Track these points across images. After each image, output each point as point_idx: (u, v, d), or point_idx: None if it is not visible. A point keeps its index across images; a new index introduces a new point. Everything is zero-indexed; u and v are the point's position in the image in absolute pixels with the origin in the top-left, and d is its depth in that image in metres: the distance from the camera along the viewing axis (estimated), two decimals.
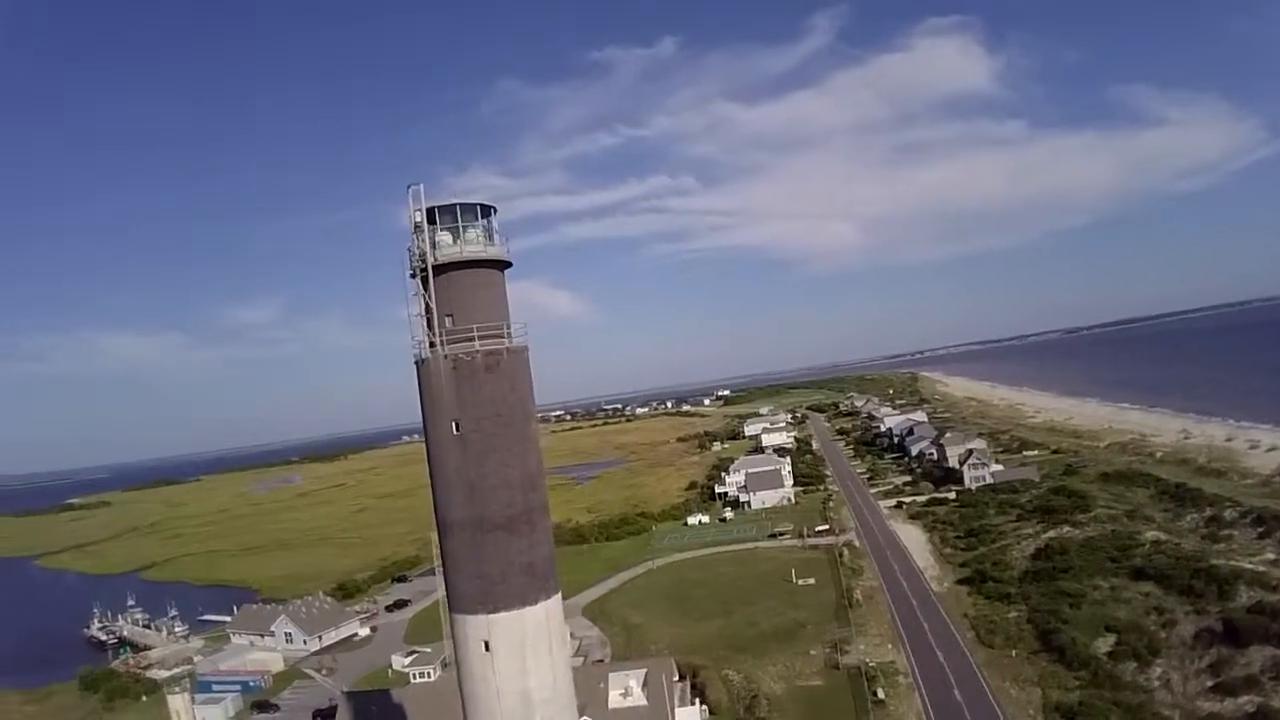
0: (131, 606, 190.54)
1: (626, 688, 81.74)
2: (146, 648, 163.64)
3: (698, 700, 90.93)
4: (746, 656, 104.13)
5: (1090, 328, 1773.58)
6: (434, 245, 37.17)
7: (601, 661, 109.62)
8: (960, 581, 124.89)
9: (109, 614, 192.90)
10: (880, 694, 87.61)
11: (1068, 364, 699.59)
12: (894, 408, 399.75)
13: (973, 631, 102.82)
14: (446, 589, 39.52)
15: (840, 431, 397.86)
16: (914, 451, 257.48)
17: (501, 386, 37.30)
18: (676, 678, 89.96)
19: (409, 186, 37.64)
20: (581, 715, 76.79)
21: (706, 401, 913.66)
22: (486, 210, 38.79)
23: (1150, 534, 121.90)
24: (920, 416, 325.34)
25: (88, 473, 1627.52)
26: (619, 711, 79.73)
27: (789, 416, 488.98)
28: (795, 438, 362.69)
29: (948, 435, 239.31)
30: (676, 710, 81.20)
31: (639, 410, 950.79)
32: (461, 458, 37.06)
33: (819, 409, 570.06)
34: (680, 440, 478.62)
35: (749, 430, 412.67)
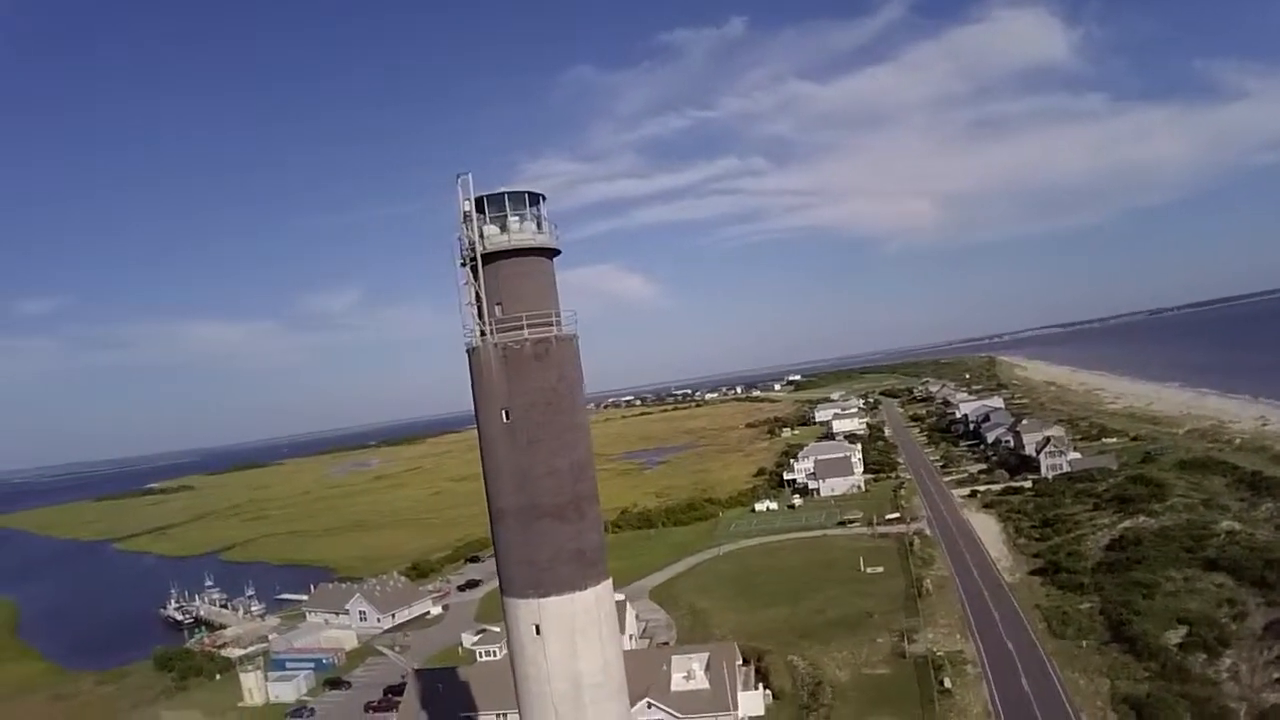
0: (209, 587, 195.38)
1: (689, 670, 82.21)
2: (222, 627, 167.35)
3: (761, 685, 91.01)
4: (812, 643, 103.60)
5: (1173, 309, 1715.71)
6: (482, 235, 37.54)
7: (666, 644, 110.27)
8: (1033, 572, 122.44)
9: (186, 594, 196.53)
10: (947, 683, 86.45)
11: (1149, 347, 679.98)
12: (970, 393, 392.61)
13: (1044, 622, 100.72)
14: (499, 574, 40.12)
15: (914, 418, 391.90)
16: (990, 439, 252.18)
17: (550, 375, 37.54)
18: (740, 662, 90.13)
19: (458, 176, 37.96)
20: (644, 696, 77.75)
21: (777, 387, 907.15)
22: (535, 198, 38.91)
23: (1225, 524, 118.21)
24: (997, 403, 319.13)
25: (172, 457, 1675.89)
26: (681, 694, 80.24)
27: (861, 402, 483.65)
28: (867, 424, 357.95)
29: (1025, 422, 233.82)
30: (739, 694, 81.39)
31: (709, 395, 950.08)
32: (511, 446, 37.46)
33: (892, 394, 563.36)
34: (749, 426, 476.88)
35: (819, 416, 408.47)
